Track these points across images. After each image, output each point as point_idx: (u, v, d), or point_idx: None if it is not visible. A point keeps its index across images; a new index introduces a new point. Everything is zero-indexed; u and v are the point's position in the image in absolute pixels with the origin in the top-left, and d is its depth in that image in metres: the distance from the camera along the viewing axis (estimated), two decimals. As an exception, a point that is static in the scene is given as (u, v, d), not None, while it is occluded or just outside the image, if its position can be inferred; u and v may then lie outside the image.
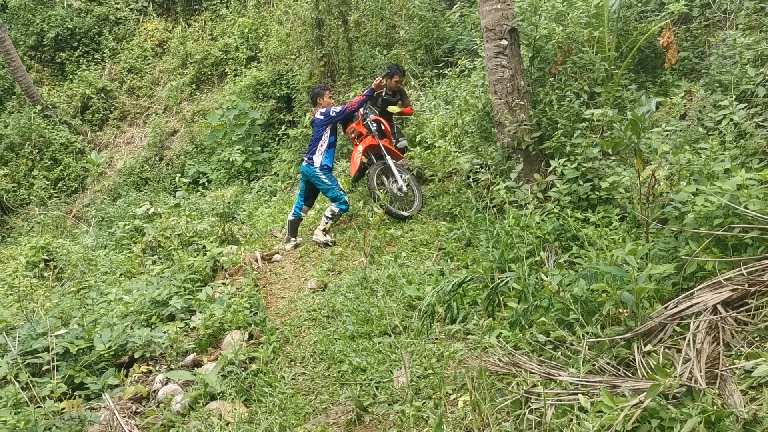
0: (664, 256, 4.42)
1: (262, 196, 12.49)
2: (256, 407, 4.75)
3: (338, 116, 8.40)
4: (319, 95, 8.69)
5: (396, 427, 4.12)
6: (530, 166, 6.29)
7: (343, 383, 4.91)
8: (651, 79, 7.76)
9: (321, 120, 8.37)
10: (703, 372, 3.34)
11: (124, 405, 5.04)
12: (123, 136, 18.40)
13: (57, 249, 9.97)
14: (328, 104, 8.56)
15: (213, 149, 15.28)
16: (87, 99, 18.52)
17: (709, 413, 2.97)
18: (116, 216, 12.77)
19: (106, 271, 9.05)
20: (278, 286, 7.33)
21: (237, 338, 5.67)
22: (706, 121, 5.69)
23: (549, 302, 4.56)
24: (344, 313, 5.95)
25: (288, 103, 15.24)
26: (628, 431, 3.20)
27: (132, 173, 16.41)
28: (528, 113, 6.28)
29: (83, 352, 5.49)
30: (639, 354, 3.71)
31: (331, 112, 8.37)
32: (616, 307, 4.06)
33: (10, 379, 4.75)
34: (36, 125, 16.87)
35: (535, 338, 4.43)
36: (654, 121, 5.95)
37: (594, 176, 5.73)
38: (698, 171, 4.71)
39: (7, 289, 8.52)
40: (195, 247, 8.62)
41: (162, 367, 5.57)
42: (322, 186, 8.39)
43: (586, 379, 3.71)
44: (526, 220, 5.68)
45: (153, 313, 6.39)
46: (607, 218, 5.34)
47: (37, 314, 6.60)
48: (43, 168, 16.71)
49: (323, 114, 8.38)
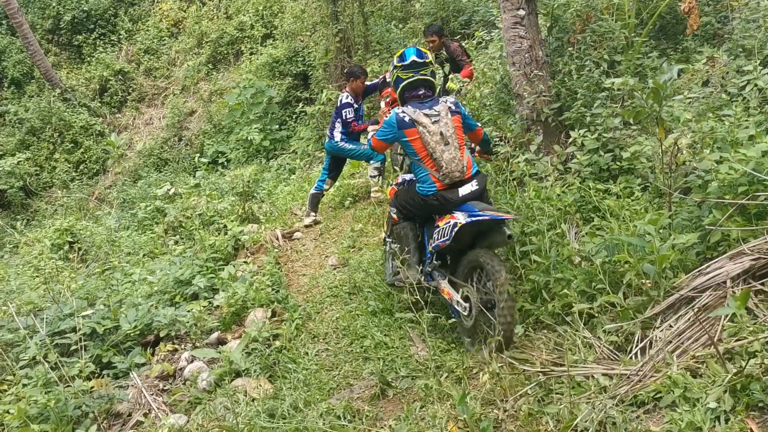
0: (688, 225, 4.38)
1: (281, 174, 12.52)
2: (280, 383, 4.81)
3: (343, 122, 8.15)
4: (355, 77, 8.26)
5: (420, 401, 4.15)
6: (550, 138, 6.23)
7: (366, 358, 4.95)
8: (672, 46, 7.60)
9: (337, 105, 8.26)
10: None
11: (152, 383, 5.12)
12: (142, 117, 18.48)
13: (81, 231, 10.09)
14: (357, 89, 8.29)
15: (231, 128, 15.30)
16: (105, 81, 18.60)
17: (735, 381, 2.95)
18: (138, 197, 12.90)
19: (130, 252, 9.15)
20: (299, 263, 7.37)
21: (260, 316, 5.72)
22: (730, 87, 5.58)
23: (571, 274, 4.54)
24: (365, 289, 5.98)
25: (305, 80, 15.19)
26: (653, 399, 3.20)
27: (152, 154, 16.51)
28: (547, 84, 6.20)
29: (110, 331, 5.57)
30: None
31: (344, 111, 8.14)
32: (638, 278, 4.04)
33: (39, 359, 4.83)
34: (56, 109, 16.98)
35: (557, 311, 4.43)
36: (676, 88, 5.83)
37: (615, 146, 5.66)
38: (722, 138, 4.63)
39: (33, 272, 8.66)
40: (216, 226, 8.67)
41: (187, 345, 5.65)
42: (350, 153, 8.28)
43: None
44: (547, 193, 5.63)
45: (177, 293, 6.46)
46: (629, 189, 5.28)
47: (64, 296, 6.71)
48: (64, 151, 16.85)
49: (342, 103, 8.17)
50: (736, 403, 2.93)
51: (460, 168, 4.84)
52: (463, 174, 4.87)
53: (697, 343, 3.43)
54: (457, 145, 4.87)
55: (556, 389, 3.67)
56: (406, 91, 5.17)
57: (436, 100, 5.06)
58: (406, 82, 5.14)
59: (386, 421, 4.05)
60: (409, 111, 4.97)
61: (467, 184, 4.88)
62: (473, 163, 5.05)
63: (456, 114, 5.05)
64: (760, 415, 2.90)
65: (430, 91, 5.18)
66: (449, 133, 4.87)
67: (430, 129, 4.86)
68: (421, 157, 4.94)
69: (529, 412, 3.60)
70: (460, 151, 4.90)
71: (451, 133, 4.87)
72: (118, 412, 4.80)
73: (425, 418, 3.89)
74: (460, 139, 4.96)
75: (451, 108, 5.02)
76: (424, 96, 5.12)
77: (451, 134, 4.87)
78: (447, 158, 4.81)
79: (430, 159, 4.88)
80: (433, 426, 3.68)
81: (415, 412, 4.00)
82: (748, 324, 3.33)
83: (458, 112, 5.08)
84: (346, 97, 8.19)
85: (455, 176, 4.83)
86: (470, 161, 5.01)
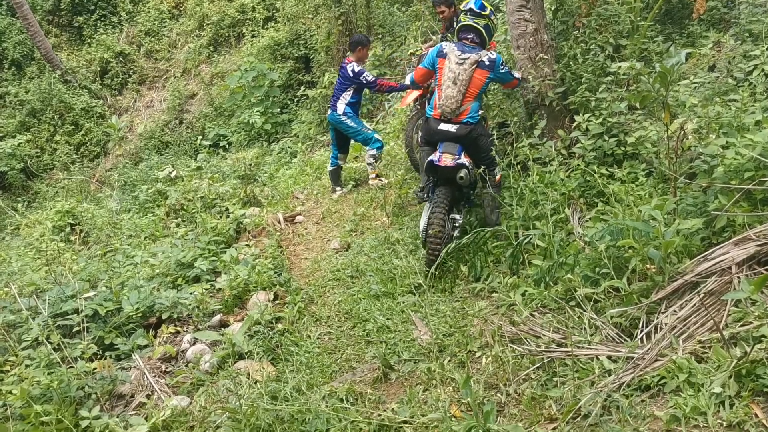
0: (693, 211, 4.36)
1: (283, 157, 12.47)
2: (283, 366, 4.81)
3: (366, 84, 8.14)
4: (362, 45, 8.31)
5: (423, 384, 4.15)
6: (554, 122, 6.19)
7: (368, 342, 4.95)
8: (678, 31, 7.56)
9: (350, 76, 8.14)
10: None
11: (154, 365, 5.13)
12: (142, 100, 18.40)
13: (82, 213, 10.07)
14: (364, 57, 8.35)
15: (232, 112, 15.24)
16: (105, 63, 18.49)
17: (740, 367, 2.95)
18: (139, 180, 12.85)
19: (131, 234, 9.12)
20: (301, 247, 7.36)
21: (262, 299, 5.72)
22: (736, 72, 5.55)
23: (575, 259, 4.54)
24: (368, 272, 5.97)
25: (306, 63, 15.11)
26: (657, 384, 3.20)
27: (153, 137, 16.45)
28: (552, 68, 6.16)
29: (112, 313, 5.56)
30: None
31: (363, 76, 8.07)
32: (643, 263, 4.03)
33: (42, 340, 4.83)
34: (56, 90, 16.90)
35: (560, 295, 4.42)
36: (681, 73, 5.80)
37: (620, 131, 5.63)
38: (728, 123, 4.60)
39: (35, 253, 8.65)
40: (218, 209, 8.65)
41: (189, 327, 5.65)
42: (349, 131, 8.30)
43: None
44: (551, 177, 5.62)
45: (178, 275, 6.45)
46: (633, 174, 5.26)
47: (66, 277, 6.70)
48: (65, 133, 16.79)
49: (355, 72, 8.09)
50: (741, 388, 2.93)
51: (452, 108, 5.65)
52: (453, 115, 5.68)
53: (703, 328, 3.42)
54: (462, 90, 5.63)
55: (559, 372, 3.66)
56: (460, 32, 5.94)
57: (477, 50, 5.74)
58: (461, 24, 5.92)
59: (389, 404, 4.06)
60: (449, 47, 5.80)
61: (449, 125, 5.72)
62: (470, 115, 5.71)
63: (484, 69, 5.70)
64: (765, 400, 2.89)
65: (479, 39, 5.86)
66: (462, 77, 5.62)
67: (452, 67, 5.66)
68: (438, 84, 5.79)
69: (532, 396, 3.60)
70: (465, 97, 5.65)
71: (463, 78, 5.62)
72: (120, 394, 4.80)
73: (428, 402, 3.89)
74: (472, 87, 5.67)
75: (482, 62, 5.69)
76: (471, 41, 5.84)
77: (463, 79, 5.62)
78: (447, 94, 5.64)
79: (440, 89, 5.71)
80: (435, 409, 3.68)
81: (417, 396, 4.00)
82: (753, 309, 3.32)
83: (489, 69, 5.72)
84: (357, 66, 8.16)
85: (446, 111, 5.68)
86: (468, 111, 5.70)
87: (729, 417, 2.83)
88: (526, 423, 3.46)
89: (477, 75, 5.67)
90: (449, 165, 5.51)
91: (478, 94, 5.74)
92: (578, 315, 4.10)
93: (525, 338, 4.09)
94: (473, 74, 5.65)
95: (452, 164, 5.51)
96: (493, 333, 4.25)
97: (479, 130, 5.77)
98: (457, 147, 5.65)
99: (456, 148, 5.63)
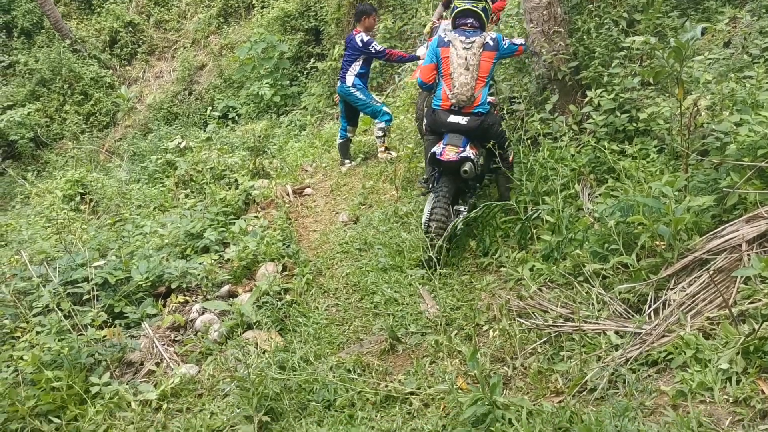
0: (704, 188, 4.33)
1: (292, 130, 12.44)
2: (291, 336, 4.85)
3: (375, 54, 8.12)
4: (367, 14, 8.27)
5: (429, 356, 4.18)
6: (566, 97, 6.14)
7: (376, 314, 4.97)
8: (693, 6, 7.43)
9: (358, 46, 8.09)
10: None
11: (163, 333, 5.18)
12: (152, 70, 18.33)
13: (92, 183, 10.09)
14: (371, 26, 8.32)
15: (242, 83, 15.18)
16: (115, 33, 18.40)
17: (748, 343, 2.95)
18: (148, 150, 12.86)
19: (140, 204, 9.15)
20: (310, 219, 7.37)
21: (271, 270, 5.75)
22: (752, 49, 5.47)
23: (584, 235, 4.53)
24: (376, 245, 5.98)
25: (316, 35, 14.99)
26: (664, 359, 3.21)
27: (162, 108, 16.42)
28: (565, 42, 6.08)
29: (121, 282, 5.61)
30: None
31: (372, 45, 8.04)
32: (652, 240, 4.02)
33: (53, 307, 4.88)
34: (66, 60, 16.84)
35: (568, 271, 4.42)
36: (696, 49, 5.72)
37: (632, 107, 5.57)
38: (742, 100, 4.55)
39: (45, 222, 8.70)
40: (227, 180, 8.66)
41: (198, 297, 5.69)
42: (358, 103, 8.29)
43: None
44: (561, 153, 5.59)
45: (188, 246, 6.48)
46: (645, 150, 5.22)
47: (76, 246, 6.74)
48: (74, 103, 16.78)
49: (363, 42, 8.05)
50: (748, 364, 2.93)
51: (468, 95, 5.45)
52: (468, 103, 5.49)
53: (711, 305, 3.42)
54: (475, 76, 5.47)
55: (566, 347, 3.68)
56: (458, 18, 5.74)
57: (479, 33, 5.60)
58: (458, 9, 5.72)
59: (396, 376, 4.09)
60: (451, 34, 5.61)
61: (460, 116, 5.54)
62: (482, 103, 5.54)
63: (490, 50, 5.58)
64: (772, 377, 2.90)
65: (478, 23, 5.70)
66: (473, 62, 5.46)
67: (460, 53, 5.47)
68: (444, 75, 5.60)
69: (539, 370, 3.62)
70: (477, 82, 5.48)
71: (474, 63, 5.46)
72: (130, 361, 4.86)
73: (434, 374, 3.92)
74: (482, 72, 5.52)
75: (487, 43, 5.57)
76: (471, 26, 5.68)
77: (474, 64, 5.46)
78: (461, 81, 5.44)
79: (449, 78, 5.52)
80: (442, 381, 3.71)
81: (424, 368, 4.03)
82: (763, 287, 3.31)
83: (494, 49, 5.60)
84: (366, 35, 8.13)
85: (461, 100, 5.47)
86: (480, 99, 5.53)
87: (735, 393, 2.84)
88: (532, 396, 3.48)
89: (484, 58, 5.53)
90: (452, 159, 5.36)
91: (487, 80, 5.58)
92: (586, 290, 4.10)
93: (532, 312, 4.10)
94: (484, 57, 5.52)
95: (455, 158, 5.35)
96: (500, 307, 4.26)
97: (490, 120, 5.59)
98: (463, 139, 5.49)
99: (461, 141, 5.47)
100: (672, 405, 2.95)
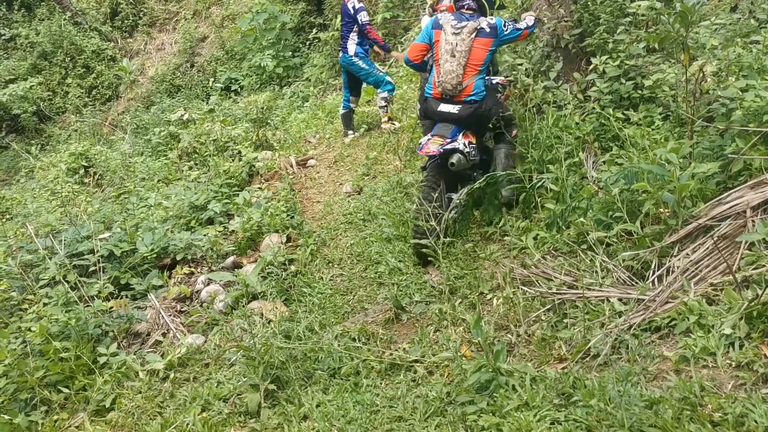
0: (709, 154, 4.31)
1: (295, 101, 12.37)
2: (296, 306, 4.88)
3: (360, 25, 8.13)
4: None
5: (434, 324, 4.20)
6: (570, 65, 6.08)
7: (380, 284, 5.00)
8: (700, -29, 7.34)
9: (350, 12, 8.13)
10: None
11: (169, 304, 5.21)
12: (153, 42, 18.19)
13: (95, 156, 10.09)
14: None
15: (244, 55, 15.06)
16: (116, 4, 18.23)
17: (751, 309, 2.95)
18: (151, 123, 12.81)
19: (144, 177, 9.16)
20: (314, 190, 7.37)
21: (275, 241, 5.76)
22: (759, 14, 5.41)
23: (588, 203, 4.52)
24: (380, 216, 5.99)
25: (318, 5, 14.83)
26: (667, 325, 3.22)
27: (164, 80, 16.32)
28: (569, 9, 6.01)
29: (127, 254, 5.63)
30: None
31: (360, 14, 8.08)
32: (656, 207, 4.01)
33: (59, 279, 4.91)
34: (67, 32, 16.72)
35: (572, 239, 4.42)
36: (702, 15, 5.65)
37: (637, 74, 5.52)
38: (748, 66, 4.50)
39: (49, 195, 8.72)
40: (230, 152, 8.65)
41: (203, 268, 5.71)
42: (361, 73, 8.29)
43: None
44: (565, 121, 5.55)
45: (192, 217, 6.50)
46: (650, 117, 5.18)
47: (81, 219, 6.76)
48: (76, 76, 16.69)
49: (356, 8, 8.09)
50: (751, 329, 2.94)
51: (453, 83, 5.10)
52: (454, 91, 5.14)
53: (715, 271, 3.42)
54: (462, 63, 5.09)
55: (570, 314, 3.69)
56: (457, 1, 5.46)
57: (475, 17, 5.25)
58: None
59: (400, 344, 4.12)
60: (445, 17, 5.29)
61: (451, 105, 5.20)
62: (475, 92, 5.17)
63: (485, 37, 5.19)
64: (775, 342, 2.91)
65: (476, 5, 5.37)
66: (461, 48, 5.09)
67: (448, 38, 5.15)
68: (435, 60, 5.29)
69: (543, 337, 3.64)
70: (466, 70, 5.12)
71: (462, 50, 5.10)
72: (137, 332, 4.90)
73: (439, 341, 3.95)
74: (474, 60, 5.14)
75: (482, 29, 5.19)
76: (468, 9, 5.35)
77: (462, 50, 5.09)
78: (446, 68, 5.11)
79: (438, 65, 5.21)
80: (446, 349, 3.73)
81: (428, 336, 4.06)
82: (767, 253, 3.31)
83: (491, 35, 5.21)
84: (358, 2, 8.13)
85: (447, 88, 5.13)
86: (471, 87, 5.16)
87: (738, 357, 2.85)
88: (535, 363, 3.51)
89: (477, 45, 5.13)
90: (432, 153, 5.04)
91: (481, 68, 5.18)
92: (590, 258, 4.10)
93: (536, 281, 4.11)
94: (472, 44, 5.11)
95: (436, 152, 5.01)
96: (504, 275, 4.28)
97: (487, 105, 5.23)
98: (452, 129, 5.16)
99: (449, 131, 5.14)
100: (675, 370, 2.97)
